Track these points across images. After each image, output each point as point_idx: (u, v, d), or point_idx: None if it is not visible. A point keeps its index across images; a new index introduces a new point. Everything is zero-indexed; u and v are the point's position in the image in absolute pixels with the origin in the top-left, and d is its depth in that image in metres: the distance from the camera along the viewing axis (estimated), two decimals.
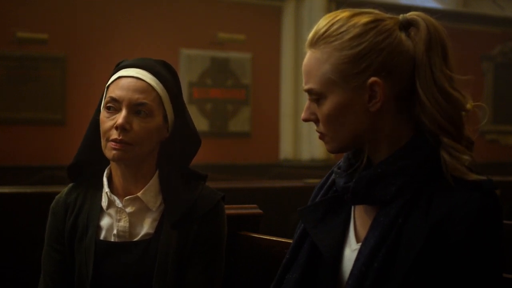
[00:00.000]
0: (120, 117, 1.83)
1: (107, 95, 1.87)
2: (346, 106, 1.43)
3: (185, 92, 7.14)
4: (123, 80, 1.86)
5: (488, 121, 8.87)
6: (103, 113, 1.87)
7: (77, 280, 1.89)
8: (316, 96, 1.46)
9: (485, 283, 1.34)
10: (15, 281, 3.25)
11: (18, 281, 3.24)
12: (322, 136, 1.49)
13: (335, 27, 1.44)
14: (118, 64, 1.94)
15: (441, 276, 1.34)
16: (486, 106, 1.52)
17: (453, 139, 1.40)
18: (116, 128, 1.82)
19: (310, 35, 1.48)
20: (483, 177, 1.38)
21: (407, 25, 1.46)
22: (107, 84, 1.90)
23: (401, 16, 1.47)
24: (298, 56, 7.81)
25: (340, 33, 1.43)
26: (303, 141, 7.86)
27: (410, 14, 1.47)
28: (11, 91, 6.60)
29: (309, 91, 1.48)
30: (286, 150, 7.87)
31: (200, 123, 7.33)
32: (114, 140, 1.83)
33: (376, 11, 1.47)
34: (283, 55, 7.83)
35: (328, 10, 7.73)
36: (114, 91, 1.85)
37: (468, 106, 1.43)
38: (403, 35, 1.44)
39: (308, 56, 1.48)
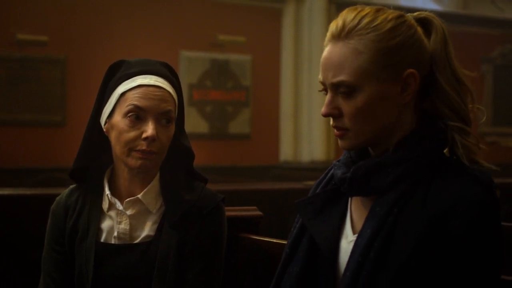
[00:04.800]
0: (150, 129, 1.82)
1: (129, 103, 1.84)
2: (380, 98, 1.44)
3: (185, 94, 7.11)
4: (146, 89, 1.85)
5: (488, 123, 8.87)
6: (124, 122, 1.84)
7: (77, 281, 1.89)
8: (348, 89, 1.44)
9: (485, 276, 1.35)
10: (15, 283, 3.25)
11: (18, 282, 3.24)
12: (342, 132, 1.47)
13: (366, 20, 1.44)
14: (118, 65, 1.93)
15: (440, 268, 1.35)
16: (486, 108, 1.58)
17: (468, 126, 1.46)
18: (145, 139, 1.82)
19: (337, 27, 1.46)
20: (487, 165, 1.45)
21: (421, 23, 1.50)
22: (122, 91, 1.86)
23: (411, 15, 1.51)
24: (298, 58, 7.81)
25: (375, 25, 1.44)
26: (303, 143, 7.86)
27: (421, 13, 1.52)
28: (11, 92, 6.60)
29: (339, 84, 1.44)
30: (286, 152, 7.87)
31: (200, 125, 7.33)
32: (142, 151, 1.83)
33: (384, 7, 1.51)
34: (283, 56, 7.83)
35: (328, 12, 7.73)
36: (139, 100, 1.83)
37: (469, 97, 1.49)
38: (420, 30, 1.48)
39: (338, 47, 1.45)
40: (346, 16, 1.47)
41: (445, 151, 1.48)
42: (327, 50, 1.47)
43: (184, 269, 1.87)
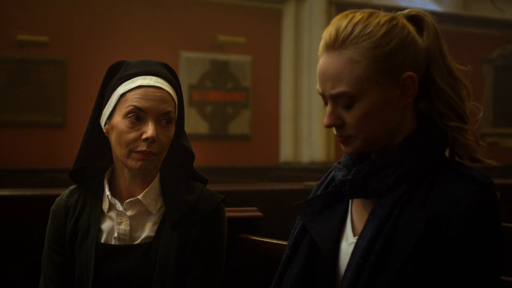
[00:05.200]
0: (150, 129, 1.82)
1: (129, 104, 1.84)
2: (382, 104, 1.43)
3: (185, 95, 7.14)
4: (145, 90, 1.84)
5: (488, 124, 8.87)
6: (124, 123, 1.84)
7: (78, 283, 1.89)
8: (349, 99, 1.43)
9: (485, 277, 1.35)
10: (15, 283, 3.25)
11: (18, 283, 3.24)
12: (347, 138, 1.47)
13: (359, 27, 1.43)
14: (118, 65, 1.92)
15: (440, 269, 1.35)
16: (486, 108, 1.58)
17: (465, 124, 1.46)
18: (145, 140, 1.82)
19: (330, 36, 1.45)
20: (488, 161, 1.45)
21: (412, 21, 1.49)
22: (122, 92, 1.86)
23: (401, 13, 1.50)
24: (298, 59, 7.81)
25: (369, 32, 1.43)
26: (303, 143, 7.86)
27: (411, 11, 1.51)
28: (11, 93, 6.60)
29: (339, 95, 1.44)
30: (286, 153, 7.87)
31: (200, 126, 7.33)
32: (142, 152, 1.83)
33: (375, 10, 1.49)
34: (283, 57, 7.83)
35: (328, 13, 7.74)
36: (139, 101, 1.83)
37: (464, 91, 1.48)
38: (413, 29, 1.47)
39: (334, 58, 1.44)
40: (339, 24, 1.45)
41: (446, 151, 1.48)
42: (322, 61, 1.46)
43: (184, 270, 1.87)
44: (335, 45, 1.44)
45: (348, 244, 1.49)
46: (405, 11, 1.51)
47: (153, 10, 7.17)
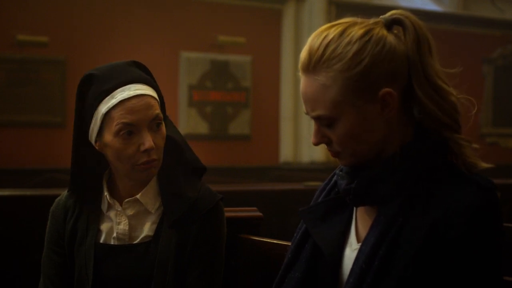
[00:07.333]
0: (146, 141, 1.80)
1: (117, 122, 1.79)
2: (362, 122, 1.43)
3: (185, 95, 7.15)
4: (128, 103, 1.80)
5: (488, 124, 8.87)
6: (118, 141, 1.80)
7: (77, 283, 1.89)
8: (328, 120, 1.44)
9: (485, 278, 1.35)
10: (15, 283, 3.25)
11: (18, 283, 3.24)
12: (336, 154, 1.48)
13: (331, 48, 1.42)
14: (87, 80, 1.86)
15: (441, 271, 1.35)
16: (486, 108, 1.55)
17: (455, 132, 1.43)
18: (144, 151, 1.81)
19: (305, 59, 1.45)
20: (485, 165, 1.43)
21: (392, 25, 1.46)
22: (105, 111, 1.80)
23: (383, 18, 1.47)
24: (298, 59, 7.78)
25: (339, 54, 1.41)
26: (303, 144, 7.86)
27: (392, 14, 1.48)
28: (11, 93, 6.60)
29: (318, 118, 1.45)
30: (286, 153, 7.87)
31: (200, 126, 7.32)
32: (145, 163, 1.82)
33: (355, 19, 1.46)
34: (283, 57, 7.83)
35: (328, 13, 7.74)
36: (126, 117, 1.79)
37: (453, 98, 1.45)
38: (392, 38, 1.44)
39: (309, 82, 1.45)
40: (312, 45, 1.44)
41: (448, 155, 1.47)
42: (302, 83, 1.47)
43: (184, 269, 1.87)
44: (308, 68, 1.44)
45: (351, 250, 1.48)
46: (387, 15, 1.48)
47: (153, 10, 7.17)
